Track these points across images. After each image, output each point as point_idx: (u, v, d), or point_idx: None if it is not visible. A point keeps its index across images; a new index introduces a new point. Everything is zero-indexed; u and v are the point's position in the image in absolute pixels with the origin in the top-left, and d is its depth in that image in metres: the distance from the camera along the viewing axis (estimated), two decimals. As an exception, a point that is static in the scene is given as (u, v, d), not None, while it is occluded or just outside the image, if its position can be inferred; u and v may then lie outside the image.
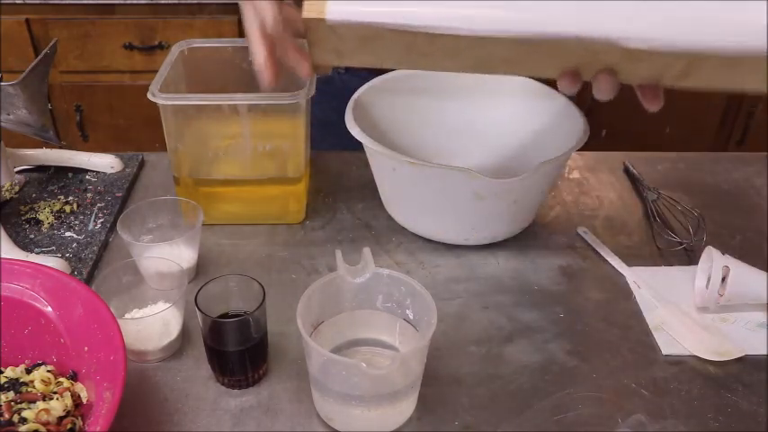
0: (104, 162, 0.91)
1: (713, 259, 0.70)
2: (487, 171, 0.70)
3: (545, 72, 0.58)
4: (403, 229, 0.82)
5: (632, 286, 0.75)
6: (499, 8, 0.49)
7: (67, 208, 0.83)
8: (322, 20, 0.50)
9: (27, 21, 1.81)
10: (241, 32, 1.86)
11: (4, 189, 0.82)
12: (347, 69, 1.02)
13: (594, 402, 0.61)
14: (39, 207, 0.83)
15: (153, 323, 0.63)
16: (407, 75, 0.86)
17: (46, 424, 0.53)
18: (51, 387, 0.57)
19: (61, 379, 0.58)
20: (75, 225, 0.81)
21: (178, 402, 0.61)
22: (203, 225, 0.74)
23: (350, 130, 0.75)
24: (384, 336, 0.63)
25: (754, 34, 0.45)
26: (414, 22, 0.49)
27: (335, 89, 1.06)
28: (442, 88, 0.87)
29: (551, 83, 0.90)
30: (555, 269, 0.77)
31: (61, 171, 0.91)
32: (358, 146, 0.75)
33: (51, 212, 0.82)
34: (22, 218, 0.82)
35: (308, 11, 0.50)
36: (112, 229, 0.81)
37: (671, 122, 1.99)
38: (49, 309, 0.60)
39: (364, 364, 0.52)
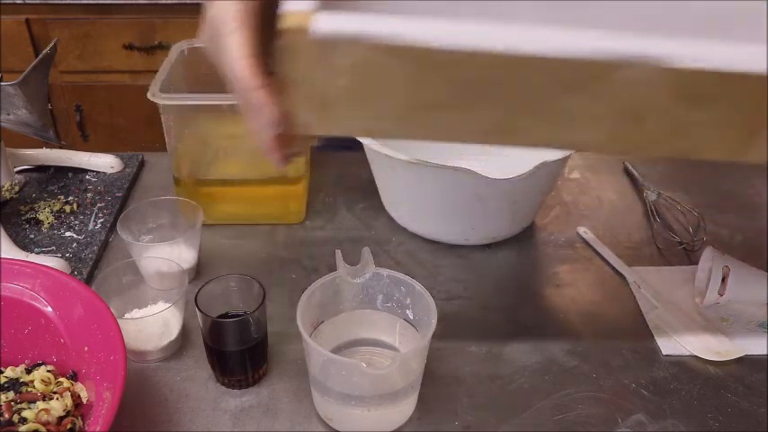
0: (104, 162, 0.91)
1: (713, 259, 0.70)
2: (487, 171, 0.70)
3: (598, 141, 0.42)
4: (403, 229, 0.82)
5: (632, 286, 0.75)
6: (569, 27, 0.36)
7: (67, 208, 0.83)
8: (305, 33, 0.36)
9: (27, 21, 1.81)
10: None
11: (4, 189, 0.82)
12: None
13: (594, 402, 0.61)
14: (39, 207, 0.83)
15: (153, 323, 0.63)
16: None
17: (46, 424, 0.53)
18: (51, 387, 0.57)
19: (61, 379, 0.58)
20: (75, 225, 0.81)
21: (178, 402, 0.61)
22: (203, 225, 0.74)
23: (350, 130, 0.75)
24: (384, 336, 0.63)
25: None
26: (436, 38, 0.36)
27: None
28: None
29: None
30: (555, 269, 0.77)
31: (61, 171, 0.91)
32: (358, 146, 0.75)
33: (51, 212, 0.82)
34: (22, 218, 0.82)
35: (289, 19, 0.37)
36: (112, 229, 0.81)
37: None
38: (49, 309, 0.60)
39: (364, 364, 0.52)
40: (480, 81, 0.38)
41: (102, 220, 0.82)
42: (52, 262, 0.71)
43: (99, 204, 0.85)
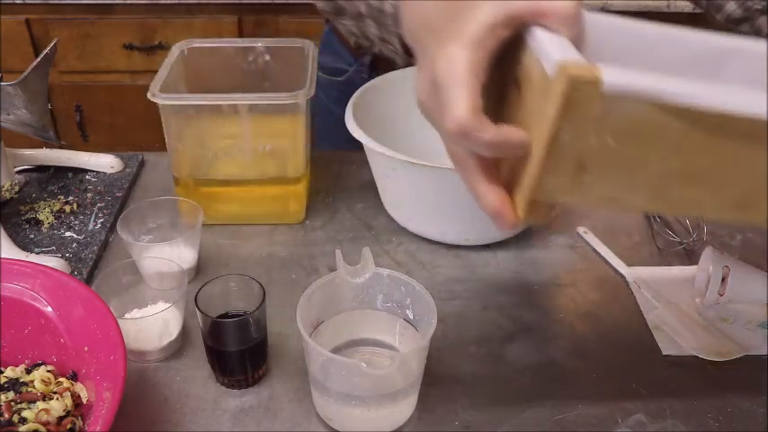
0: (104, 162, 0.91)
1: (713, 259, 0.70)
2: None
3: None
4: (403, 229, 0.82)
5: (632, 286, 0.75)
6: None
7: (67, 208, 0.83)
8: (594, 84, 0.35)
9: (27, 21, 1.81)
10: (241, 32, 1.86)
11: (4, 189, 0.82)
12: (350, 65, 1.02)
13: (594, 402, 0.61)
14: (39, 207, 0.83)
15: (153, 323, 0.63)
16: (407, 75, 0.86)
17: (46, 424, 0.53)
18: (51, 387, 0.57)
19: (61, 379, 0.58)
20: (75, 225, 0.81)
21: (178, 402, 0.61)
22: (203, 225, 0.74)
23: (350, 131, 0.75)
24: (384, 336, 0.63)
25: None
26: (723, 102, 0.36)
27: (330, 83, 1.06)
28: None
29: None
30: (555, 269, 0.77)
31: (61, 171, 0.91)
32: (358, 146, 0.75)
33: (51, 212, 0.82)
34: (22, 218, 0.82)
35: (572, 70, 0.35)
36: (112, 229, 0.81)
37: (671, 122, 1.99)
38: (49, 309, 0.60)
39: (364, 364, 0.52)
40: (744, 148, 0.38)
41: (102, 220, 0.82)
42: (52, 262, 0.71)
43: (99, 204, 0.85)
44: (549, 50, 0.39)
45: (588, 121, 0.37)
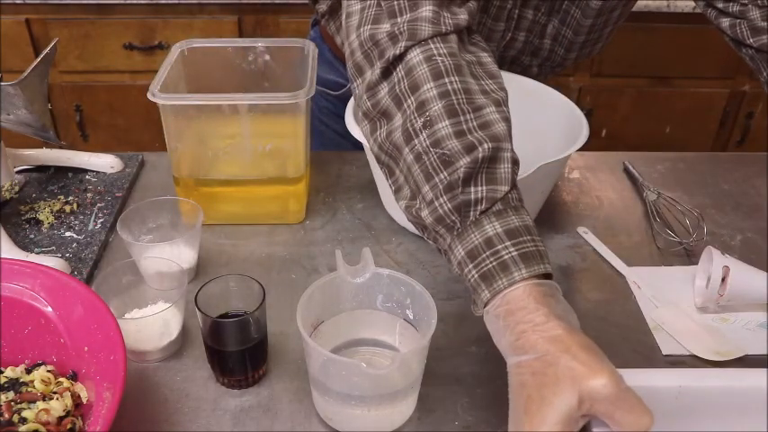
0: (104, 162, 0.91)
1: (713, 259, 0.70)
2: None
3: None
4: (403, 229, 0.82)
5: (632, 286, 0.75)
6: None
7: (67, 208, 0.83)
8: None
9: (27, 21, 1.81)
10: (241, 32, 1.86)
11: (4, 189, 0.82)
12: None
13: (594, 402, 0.61)
14: (39, 207, 0.83)
15: (153, 323, 0.63)
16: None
17: (46, 424, 0.53)
18: (51, 387, 0.57)
19: (61, 379, 0.58)
20: (75, 225, 0.81)
21: (178, 402, 0.61)
22: (203, 225, 0.74)
23: (350, 131, 0.75)
24: (384, 336, 0.63)
25: None
26: None
27: (320, 94, 1.05)
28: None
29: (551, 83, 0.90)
30: (555, 269, 0.77)
31: (61, 171, 0.91)
32: (358, 146, 0.75)
33: (51, 212, 0.82)
34: (22, 218, 0.82)
35: None
36: (112, 229, 0.81)
37: (671, 122, 2.00)
38: (49, 309, 0.60)
39: (364, 364, 0.52)
40: None
41: (102, 220, 0.82)
42: (52, 262, 0.71)
43: (99, 204, 0.85)
44: None
45: None
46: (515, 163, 0.54)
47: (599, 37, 0.90)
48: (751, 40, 0.71)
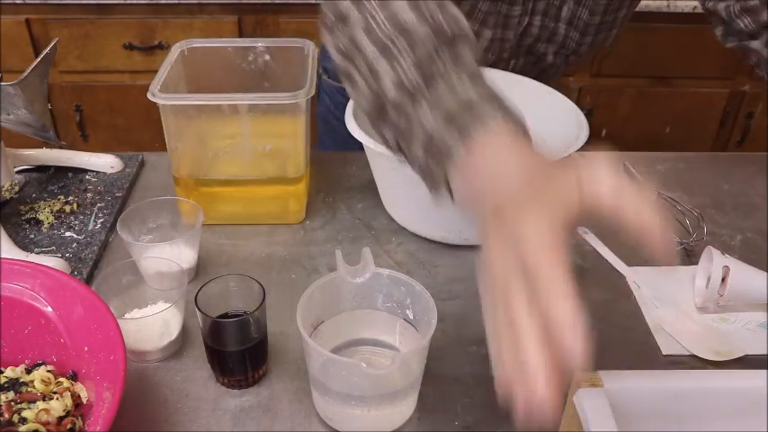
0: (104, 162, 0.91)
1: (713, 259, 0.70)
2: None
3: None
4: (403, 229, 0.82)
5: (632, 286, 0.75)
6: None
7: (67, 208, 0.83)
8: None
9: (27, 21, 1.81)
10: (241, 32, 1.86)
11: (4, 189, 0.82)
12: None
13: (594, 402, 0.61)
14: (39, 207, 0.83)
15: (153, 323, 0.63)
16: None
17: (46, 424, 0.53)
18: (51, 387, 0.57)
19: (61, 379, 0.58)
20: (75, 225, 0.81)
21: (178, 402, 0.61)
22: (203, 225, 0.74)
23: (350, 130, 0.75)
24: (384, 336, 0.63)
25: None
26: None
27: (336, 89, 1.06)
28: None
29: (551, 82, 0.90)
30: (555, 269, 0.77)
31: (61, 171, 0.91)
32: (358, 146, 0.75)
33: (51, 212, 0.82)
34: (22, 218, 0.82)
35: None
36: (112, 229, 0.81)
37: (671, 122, 2.00)
38: (49, 309, 0.60)
39: (364, 364, 0.52)
40: None
41: (102, 220, 0.82)
42: (52, 262, 0.71)
43: (99, 204, 0.85)
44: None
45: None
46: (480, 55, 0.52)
47: (614, 20, 0.90)
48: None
